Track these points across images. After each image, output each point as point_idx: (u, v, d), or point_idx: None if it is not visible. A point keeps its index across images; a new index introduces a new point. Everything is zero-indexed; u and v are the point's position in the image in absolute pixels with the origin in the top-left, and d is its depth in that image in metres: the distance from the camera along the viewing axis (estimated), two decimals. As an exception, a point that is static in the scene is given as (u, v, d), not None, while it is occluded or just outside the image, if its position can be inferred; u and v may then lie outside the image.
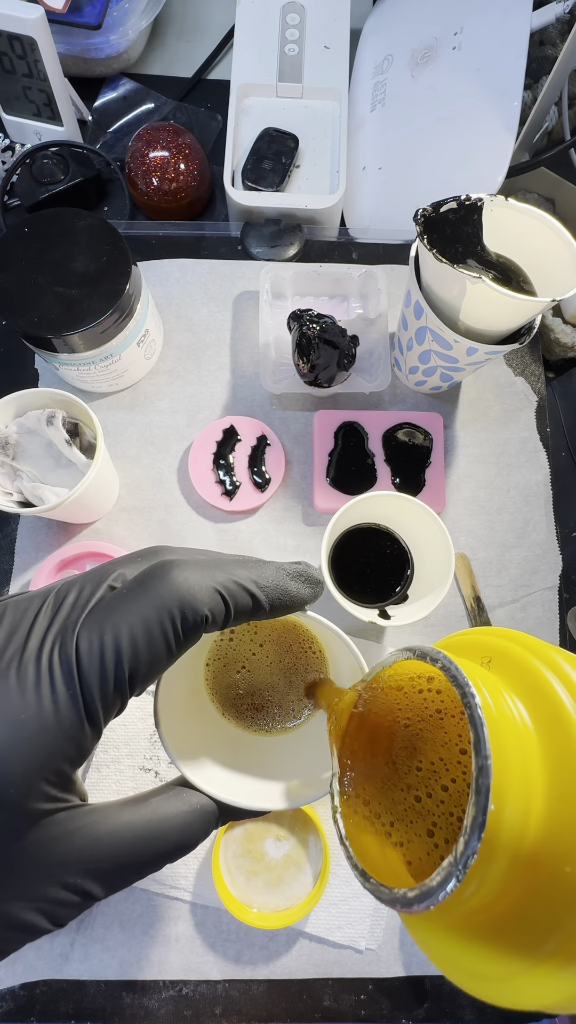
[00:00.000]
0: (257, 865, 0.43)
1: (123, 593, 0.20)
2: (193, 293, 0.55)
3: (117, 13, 0.58)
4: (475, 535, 0.51)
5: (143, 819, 0.22)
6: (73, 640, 0.19)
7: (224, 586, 0.21)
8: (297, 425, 0.52)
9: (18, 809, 0.18)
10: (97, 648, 0.18)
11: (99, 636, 0.19)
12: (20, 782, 0.18)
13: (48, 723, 0.18)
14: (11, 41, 0.50)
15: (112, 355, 0.46)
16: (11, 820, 0.18)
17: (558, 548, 0.51)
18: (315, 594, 0.24)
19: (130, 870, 0.21)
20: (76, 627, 0.19)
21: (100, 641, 0.18)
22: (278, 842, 0.43)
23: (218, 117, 0.62)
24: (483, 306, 0.38)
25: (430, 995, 0.44)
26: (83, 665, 0.18)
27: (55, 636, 0.19)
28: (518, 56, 0.47)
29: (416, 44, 0.54)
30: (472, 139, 0.50)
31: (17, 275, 0.41)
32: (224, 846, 0.43)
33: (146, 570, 0.20)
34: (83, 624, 0.19)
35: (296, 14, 0.58)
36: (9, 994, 0.43)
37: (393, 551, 0.46)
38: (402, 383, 0.53)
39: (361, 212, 0.57)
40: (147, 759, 0.46)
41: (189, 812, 0.23)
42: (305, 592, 0.24)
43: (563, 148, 0.50)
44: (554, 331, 0.53)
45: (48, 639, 0.19)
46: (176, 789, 0.24)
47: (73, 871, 0.19)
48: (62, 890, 0.19)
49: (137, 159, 0.54)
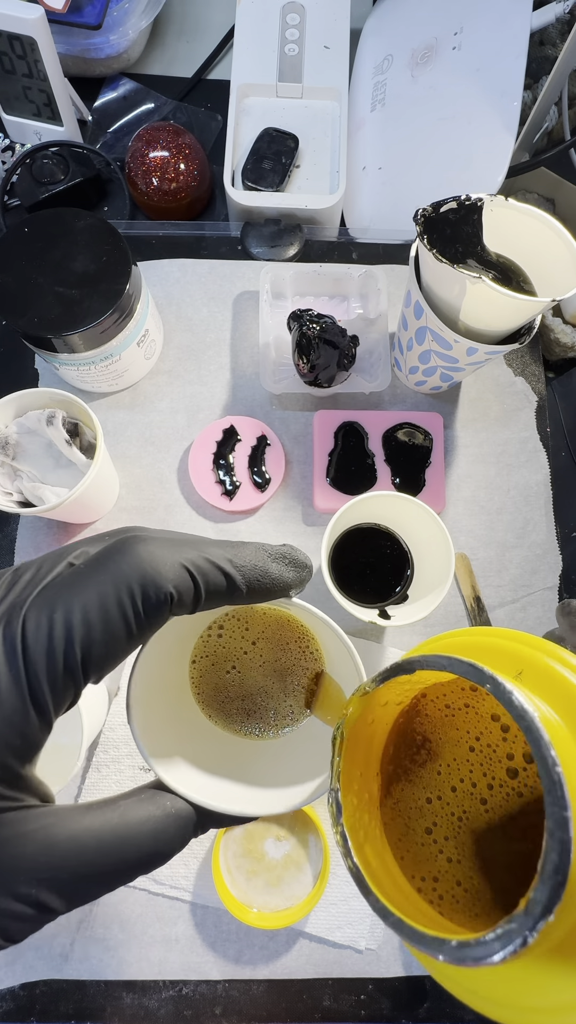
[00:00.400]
0: (257, 865, 0.43)
1: (80, 569, 0.18)
2: (193, 293, 0.55)
3: (117, 13, 0.58)
4: (475, 535, 0.51)
5: (109, 824, 0.19)
6: (20, 619, 0.17)
7: (193, 563, 0.19)
8: (297, 425, 0.52)
9: None
10: (45, 627, 0.16)
11: (48, 614, 0.17)
12: None
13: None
14: (11, 41, 0.50)
15: (112, 355, 0.46)
16: None
17: (558, 548, 0.51)
18: (300, 578, 0.22)
19: (93, 881, 0.18)
20: (25, 605, 0.17)
21: (49, 619, 0.17)
22: (278, 842, 0.43)
23: (218, 117, 0.62)
24: (483, 306, 0.38)
25: (430, 995, 0.44)
26: (29, 645, 0.16)
27: (2, 615, 0.17)
28: (518, 56, 0.47)
29: (416, 44, 0.54)
30: (472, 139, 0.50)
31: (17, 275, 0.41)
32: (224, 846, 0.43)
33: (109, 545, 0.18)
34: (32, 602, 0.17)
35: (296, 14, 0.58)
36: (9, 994, 0.43)
37: (393, 551, 0.46)
38: (402, 383, 0.53)
39: (361, 212, 0.57)
40: None
41: (162, 817, 0.20)
42: (289, 575, 0.22)
43: (563, 148, 0.50)
44: (554, 331, 0.53)
45: None
46: (150, 792, 0.21)
47: (25, 880, 0.17)
48: (13, 902, 0.17)
49: (137, 159, 0.54)
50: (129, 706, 0.22)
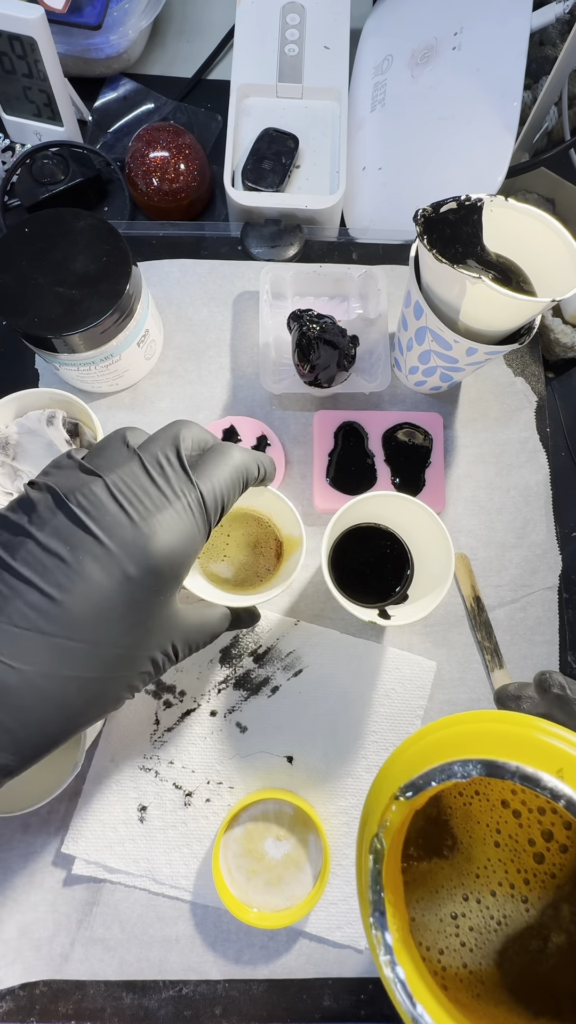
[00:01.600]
0: (257, 865, 0.43)
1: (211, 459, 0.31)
2: (193, 293, 0.55)
3: (117, 13, 0.58)
4: (475, 535, 0.51)
5: (199, 613, 0.34)
6: (196, 488, 0.29)
7: (258, 460, 0.34)
8: (297, 425, 0.52)
9: (175, 588, 0.29)
10: (210, 492, 0.30)
11: (210, 485, 0.30)
12: (182, 571, 0.29)
13: (195, 533, 0.29)
14: (11, 41, 0.50)
15: (112, 355, 0.46)
16: (170, 596, 0.29)
17: (558, 548, 0.51)
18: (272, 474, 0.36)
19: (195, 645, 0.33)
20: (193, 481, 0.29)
21: (211, 487, 0.30)
22: (278, 842, 0.43)
23: (218, 117, 0.62)
24: (483, 306, 0.38)
25: (430, 995, 0.44)
26: (206, 501, 0.29)
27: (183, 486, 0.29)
28: (518, 56, 0.48)
29: (416, 44, 0.54)
30: (472, 139, 0.50)
31: (17, 275, 0.41)
32: (224, 845, 0.43)
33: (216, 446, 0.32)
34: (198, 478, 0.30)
35: (296, 14, 0.58)
36: (9, 994, 0.43)
37: (393, 551, 0.46)
38: (402, 383, 0.53)
39: (361, 212, 0.57)
40: (146, 759, 0.46)
41: (218, 611, 0.36)
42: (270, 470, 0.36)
43: (563, 148, 0.50)
44: (554, 331, 0.53)
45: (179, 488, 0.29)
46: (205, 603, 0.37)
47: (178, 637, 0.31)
48: (169, 648, 0.31)
49: (137, 159, 0.54)
50: None
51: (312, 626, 0.48)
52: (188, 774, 0.46)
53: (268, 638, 0.48)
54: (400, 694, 0.48)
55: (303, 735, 0.47)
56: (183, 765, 0.46)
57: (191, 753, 0.46)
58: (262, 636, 0.48)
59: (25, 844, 0.45)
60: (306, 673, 0.48)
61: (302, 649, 0.48)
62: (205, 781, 0.46)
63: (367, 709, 0.47)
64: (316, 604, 0.49)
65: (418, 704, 0.48)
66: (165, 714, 0.47)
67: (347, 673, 0.48)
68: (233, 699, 0.47)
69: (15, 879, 0.44)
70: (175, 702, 0.47)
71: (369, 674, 0.48)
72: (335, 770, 0.46)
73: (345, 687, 0.48)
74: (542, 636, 0.50)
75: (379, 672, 0.48)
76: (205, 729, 0.47)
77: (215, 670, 0.48)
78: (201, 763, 0.46)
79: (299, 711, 0.47)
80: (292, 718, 0.47)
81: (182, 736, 0.47)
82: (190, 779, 0.46)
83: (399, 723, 0.47)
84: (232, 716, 0.47)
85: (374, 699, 0.47)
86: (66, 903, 0.44)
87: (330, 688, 0.48)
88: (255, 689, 0.48)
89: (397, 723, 0.47)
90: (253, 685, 0.48)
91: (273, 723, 0.47)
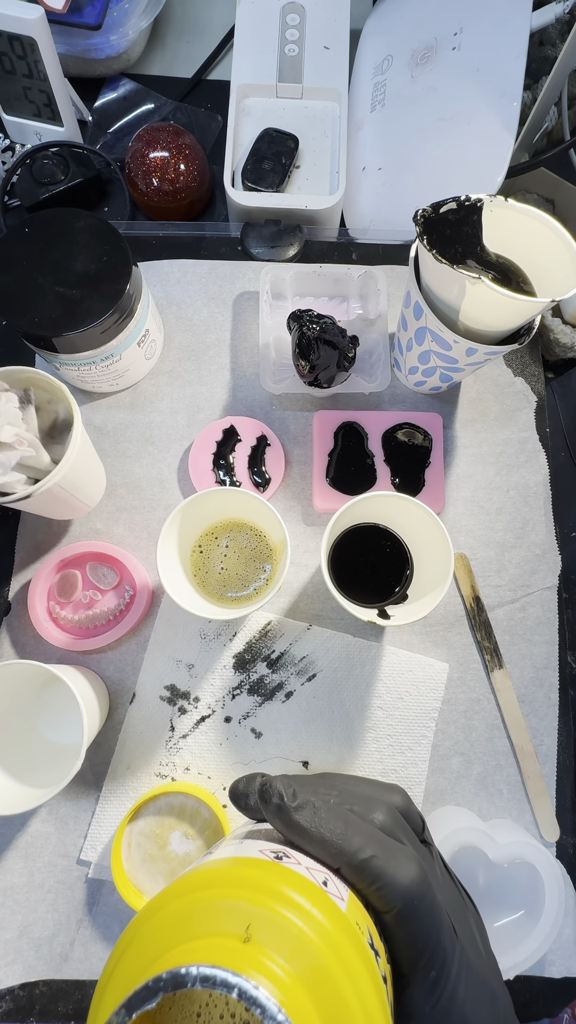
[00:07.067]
0: (157, 852, 0.43)
1: None
2: (193, 293, 0.55)
3: (117, 13, 0.58)
4: (475, 535, 0.51)
5: None
6: None
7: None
8: (297, 425, 0.52)
9: None
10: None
11: None
12: None
13: None
14: (11, 41, 0.50)
15: (112, 355, 0.46)
16: None
17: (557, 548, 0.51)
18: None
19: None
20: None
21: None
22: (185, 838, 0.43)
23: (218, 117, 0.62)
24: (483, 306, 0.38)
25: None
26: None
27: None
28: (518, 56, 0.48)
29: (416, 44, 0.54)
30: (472, 139, 0.50)
31: (17, 275, 0.41)
32: (135, 819, 0.43)
33: None
34: None
35: (296, 14, 0.58)
36: (9, 994, 0.43)
37: (393, 551, 0.46)
38: (402, 383, 0.53)
39: (361, 212, 0.57)
40: (162, 765, 0.46)
41: None
42: None
43: (563, 148, 0.50)
44: (554, 331, 0.53)
45: None
46: None
47: None
48: None
49: (137, 159, 0.54)
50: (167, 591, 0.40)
51: (325, 630, 0.48)
52: (204, 780, 0.46)
53: (281, 643, 0.48)
54: (414, 696, 0.48)
55: (318, 740, 0.47)
56: (199, 771, 0.46)
57: (206, 759, 0.46)
58: (275, 641, 0.48)
59: (25, 844, 0.45)
60: (320, 677, 0.48)
61: (315, 654, 0.48)
62: (221, 787, 0.46)
63: (382, 712, 0.47)
64: (316, 604, 0.49)
65: (432, 707, 0.48)
66: (180, 721, 0.47)
67: (360, 677, 0.48)
68: (247, 705, 0.47)
69: (15, 879, 0.44)
70: (190, 708, 0.47)
71: (382, 677, 0.48)
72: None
73: (359, 691, 0.48)
74: (542, 636, 0.50)
75: (392, 675, 0.48)
76: (220, 735, 0.47)
77: (229, 676, 0.48)
78: (216, 769, 0.46)
79: (314, 716, 0.47)
80: (307, 723, 0.47)
81: (197, 742, 0.47)
82: (206, 785, 0.46)
83: (414, 726, 0.47)
84: (247, 722, 0.47)
85: (388, 702, 0.47)
86: (66, 903, 0.44)
87: (344, 692, 0.48)
88: (269, 694, 0.47)
89: (412, 726, 0.47)
90: (267, 690, 0.48)
91: (288, 728, 0.47)
